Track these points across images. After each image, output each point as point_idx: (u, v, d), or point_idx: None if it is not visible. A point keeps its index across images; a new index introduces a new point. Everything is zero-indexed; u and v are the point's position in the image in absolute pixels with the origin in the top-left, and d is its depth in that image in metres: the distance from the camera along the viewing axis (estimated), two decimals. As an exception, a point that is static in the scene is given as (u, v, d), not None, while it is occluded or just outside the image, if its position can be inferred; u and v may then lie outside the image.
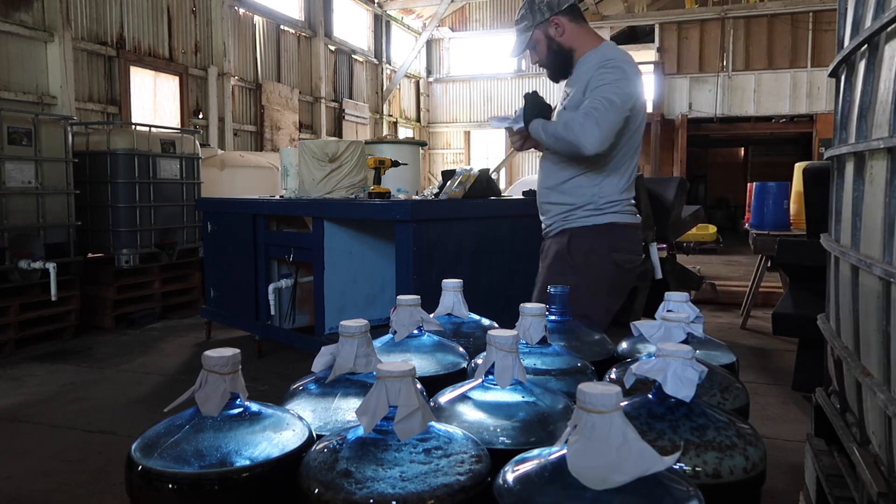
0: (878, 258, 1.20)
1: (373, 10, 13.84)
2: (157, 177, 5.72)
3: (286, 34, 10.87)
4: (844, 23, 1.60)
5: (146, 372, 4.18)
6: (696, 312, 1.20)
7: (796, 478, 2.33)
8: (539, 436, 0.80)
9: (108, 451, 2.90)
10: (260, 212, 4.28)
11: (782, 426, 3.15)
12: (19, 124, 4.61)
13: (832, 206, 1.66)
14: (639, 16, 14.60)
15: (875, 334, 1.22)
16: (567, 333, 1.24)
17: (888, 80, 1.21)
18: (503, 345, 0.86)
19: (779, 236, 4.58)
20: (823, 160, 2.45)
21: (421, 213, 3.17)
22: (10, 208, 4.54)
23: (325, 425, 0.86)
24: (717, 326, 5.31)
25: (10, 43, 6.02)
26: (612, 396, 0.62)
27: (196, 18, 8.70)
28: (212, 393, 0.77)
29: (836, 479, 1.46)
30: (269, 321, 4.29)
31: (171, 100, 8.36)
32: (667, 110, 13.68)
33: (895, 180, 1.14)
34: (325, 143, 4.09)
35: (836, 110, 1.62)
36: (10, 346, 4.55)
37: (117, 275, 5.46)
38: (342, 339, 0.92)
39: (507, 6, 15.70)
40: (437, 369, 1.07)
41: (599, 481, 0.59)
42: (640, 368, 0.83)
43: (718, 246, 11.11)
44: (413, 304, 1.14)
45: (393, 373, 0.72)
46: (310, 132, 11.48)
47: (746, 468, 0.76)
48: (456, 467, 0.68)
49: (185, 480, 0.70)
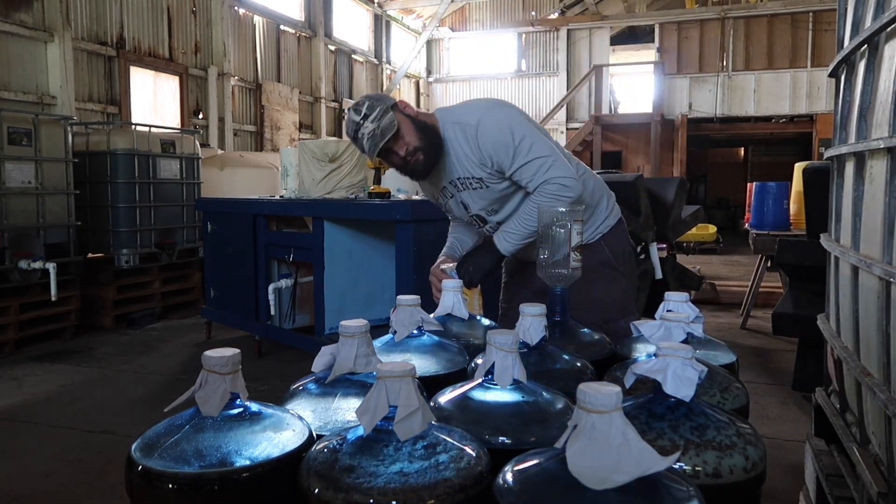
0: (878, 258, 1.20)
1: (373, 10, 13.83)
2: (157, 177, 5.72)
3: (286, 34, 10.87)
4: (844, 23, 1.60)
5: (146, 372, 4.18)
6: (696, 312, 1.20)
7: (796, 478, 2.33)
8: (539, 436, 0.80)
9: (108, 451, 2.90)
10: (260, 212, 4.28)
11: (782, 426, 3.15)
12: (19, 124, 4.61)
13: (832, 206, 1.66)
14: (639, 16, 14.60)
15: (875, 334, 1.22)
16: (567, 333, 1.24)
17: (888, 80, 1.21)
18: (503, 345, 0.86)
19: (779, 236, 4.58)
20: (823, 160, 2.45)
21: (421, 213, 3.17)
22: (10, 208, 4.54)
23: (325, 425, 0.86)
24: (717, 326, 5.31)
25: (10, 43, 6.02)
26: (612, 396, 0.62)
27: (196, 18, 8.70)
28: (212, 393, 0.77)
29: (836, 478, 1.46)
30: (269, 321, 4.29)
31: (171, 100, 8.35)
32: (667, 110, 13.68)
33: (895, 180, 1.14)
34: (325, 143, 4.10)
35: (836, 110, 1.62)
36: (10, 346, 4.55)
37: (117, 275, 5.46)
38: (342, 339, 0.92)
39: (507, 6, 15.70)
40: (437, 369, 1.07)
41: (599, 481, 0.59)
42: (640, 368, 0.83)
43: (718, 246, 11.12)
44: (413, 304, 1.14)
45: (393, 373, 0.72)
46: (310, 132, 11.48)
47: (746, 468, 0.76)
48: (456, 467, 0.68)
49: (185, 480, 0.70)
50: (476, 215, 1.93)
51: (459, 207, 1.95)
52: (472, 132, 1.77)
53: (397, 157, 1.80)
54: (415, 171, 1.83)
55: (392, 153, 1.80)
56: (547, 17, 15.33)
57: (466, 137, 1.79)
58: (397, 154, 1.79)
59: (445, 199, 1.97)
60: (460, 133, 1.80)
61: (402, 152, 1.78)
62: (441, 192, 1.95)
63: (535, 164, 1.74)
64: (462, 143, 1.80)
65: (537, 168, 1.74)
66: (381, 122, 1.73)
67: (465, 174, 1.83)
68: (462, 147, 1.80)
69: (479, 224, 1.96)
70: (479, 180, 1.82)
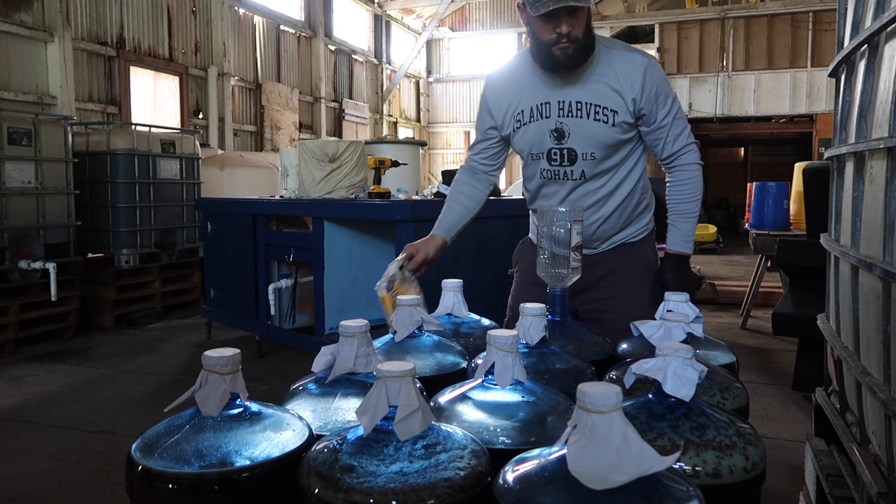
0: (878, 258, 1.20)
1: (373, 10, 13.84)
2: (157, 177, 5.72)
3: (286, 34, 10.87)
4: (844, 23, 1.60)
5: (146, 372, 4.18)
6: (696, 312, 1.20)
7: (796, 478, 2.33)
8: (539, 436, 0.80)
9: (108, 451, 2.90)
10: (260, 212, 4.28)
11: (782, 426, 3.15)
12: (19, 124, 4.61)
13: (832, 206, 1.66)
14: (639, 16, 14.60)
15: (875, 334, 1.22)
16: (567, 333, 1.24)
17: (888, 80, 1.21)
18: (503, 345, 0.86)
19: (779, 236, 4.58)
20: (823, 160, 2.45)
21: (421, 213, 3.17)
22: (10, 208, 4.54)
23: (325, 425, 0.86)
24: (717, 326, 5.31)
25: (10, 43, 6.02)
26: (612, 396, 0.62)
27: (196, 18, 8.70)
28: (212, 393, 0.77)
29: (836, 479, 1.46)
30: (269, 321, 4.29)
31: (171, 100, 8.35)
32: (667, 110, 13.66)
33: (895, 180, 1.14)
34: (325, 143, 4.10)
35: (836, 110, 1.62)
36: (10, 346, 4.55)
37: (117, 275, 5.46)
38: (342, 339, 0.92)
39: (507, 6, 15.70)
40: (437, 369, 1.08)
41: (599, 481, 0.59)
42: (640, 368, 0.83)
43: (718, 246, 11.13)
44: (413, 304, 1.14)
45: (393, 373, 0.72)
46: (310, 132, 11.48)
47: (746, 468, 0.76)
48: (456, 467, 0.68)
49: (185, 480, 0.70)
50: (569, 149, 1.73)
51: (546, 134, 1.74)
52: (642, 64, 1.68)
53: (559, 30, 1.56)
54: (563, 54, 1.59)
55: (559, 21, 1.55)
56: (547, 17, 15.30)
57: (633, 66, 1.67)
58: (561, 26, 1.56)
59: (532, 119, 1.74)
60: (623, 61, 1.68)
61: (564, 29, 1.56)
62: (538, 107, 1.73)
63: (683, 124, 1.74)
64: (619, 69, 1.67)
65: (684, 128, 1.74)
66: None
67: (595, 100, 1.68)
68: (617, 73, 1.67)
69: (560, 162, 1.75)
70: (612, 112, 1.68)
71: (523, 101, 1.77)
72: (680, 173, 1.78)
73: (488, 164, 1.95)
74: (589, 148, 1.72)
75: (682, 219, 1.79)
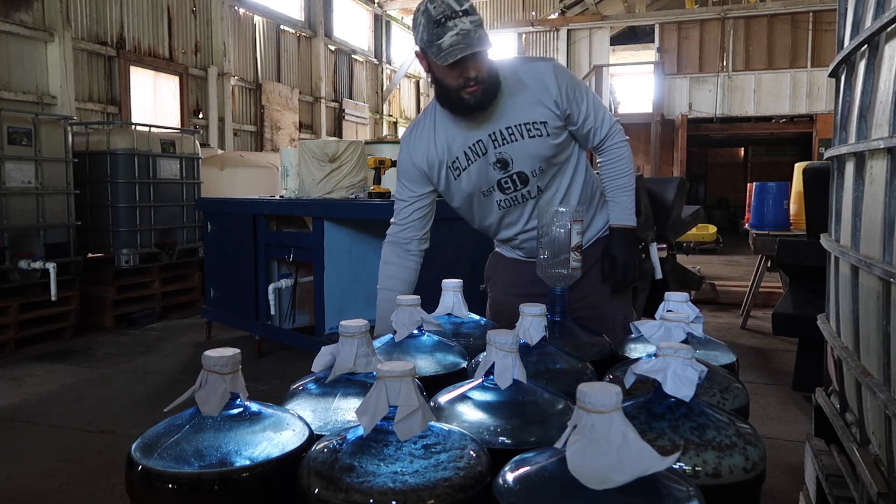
0: (878, 258, 1.20)
1: (373, 10, 13.83)
2: (157, 177, 5.72)
3: (286, 34, 10.86)
4: (844, 23, 1.60)
5: (146, 372, 4.18)
6: (696, 312, 1.20)
7: (796, 478, 2.33)
8: (539, 436, 0.80)
9: (108, 451, 2.90)
10: (260, 212, 4.28)
11: (782, 426, 3.15)
12: (19, 124, 4.61)
13: (832, 206, 1.66)
14: (639, 16, 14.60)
15: (875, 334, 1.22)
16: (567, 333, 1.24)
17: (888, 80, 1.21)
18: (503, 345, 0.86)
19: (779, 236, 4.58)
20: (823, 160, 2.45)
21: (421, 213, 3.17)
22: (10, 208, 4.54)
23: (325, 425, 0.86)
24: (717, 326, 5.31)
25: (10, 43, 6.01)
26: (612, 396, 0.62)
27: (196, 18, 8.70)
28: (212, 393, 0.77)
29: (836, 479, 1.46)
30: (269, 321, 4.29)
31: (171, 100, 8.35)
32: (667, 110, 13.67)
33: (895, 180, 1.14)
34: (325, 143, 4.10)
35: (836, 110, 1.62)
36: (10, 346, 4.56)
37: (117, 275, 5.46)
38: (342, 339, 0.92)
39: (507, 6, 15.71)
40: (437, 369, 1.08)
41: (599, 481, 0.59)
42: (640, 368, 0.83)
43: (718, 246, 11.11)
44: (413, 304, 1.14)
45: (393, 373, 0.72)
46: (310, 132, 11.48)
47: (746, 468, 0.76)
48: (456, 467, 0.68)
49: (185, 480, 0.70)
50: (517, 173, 1.74)
51: (489, 169, 1.74)
52: (549, 68, 1.70)
53: (465, 75, 1.57)
54: (473, 98, 1.61)
55: (465, 67, 1.56)
56: (547, 17, 15.33)
57: (541, 73, 1.69)
58: (467, 71, 1.57)
59: (470, 162, 1.74)
60: (531, 71, 1.70)
61: (471, 73, 1.57)
62: (472, 147, 1.73)
63: (602, 108, 1.78)
64: (531, 84, 1.69)
65: (604, 111, 1.78)
66: (479, 30, 1.53)
67: (523, 119, 1.69)
68: (529, 88, 1.69)
69: (514, 187, 1.76)
70: (542, 124, 1.70)
71: (454, 149, 1.75)
72: (611, 152, 1.82)
73: (419, 230, 1.90)
74: (535, 164, 1.74)
75: (621, 193, 1.83)
